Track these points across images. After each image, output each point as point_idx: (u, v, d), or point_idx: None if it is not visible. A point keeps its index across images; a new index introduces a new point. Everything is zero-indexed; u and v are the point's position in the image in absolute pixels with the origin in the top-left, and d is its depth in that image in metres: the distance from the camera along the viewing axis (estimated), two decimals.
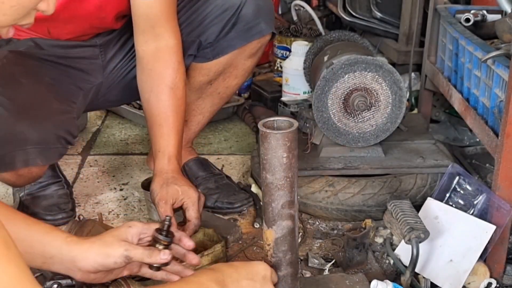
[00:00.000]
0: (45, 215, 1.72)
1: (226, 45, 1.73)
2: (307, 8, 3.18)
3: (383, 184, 1.74)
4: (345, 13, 2.74)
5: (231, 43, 1.74)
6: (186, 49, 1.71)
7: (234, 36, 1.73)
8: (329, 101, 1.80)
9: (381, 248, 1.64)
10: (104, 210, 1.85)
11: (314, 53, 2.22)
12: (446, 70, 1.96)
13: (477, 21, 1.83)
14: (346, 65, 1.76)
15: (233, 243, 1.66)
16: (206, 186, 1.87)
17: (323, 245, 1.68)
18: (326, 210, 1.76)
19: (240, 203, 1.82)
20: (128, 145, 2.35)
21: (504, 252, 1.49)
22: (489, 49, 1.56)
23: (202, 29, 1.72)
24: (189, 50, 1.73)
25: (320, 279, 1.40)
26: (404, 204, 1.53)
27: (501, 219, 1.45)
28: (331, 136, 1.84)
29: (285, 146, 1.12)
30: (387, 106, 1.80)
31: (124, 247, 1.17)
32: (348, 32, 2.25)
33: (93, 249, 1.17)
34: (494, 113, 1.49)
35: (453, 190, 1.62)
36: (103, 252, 1.17)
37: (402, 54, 2.49)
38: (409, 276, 1.42)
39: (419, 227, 1.43)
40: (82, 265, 1.16)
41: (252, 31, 1.74)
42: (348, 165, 1.81)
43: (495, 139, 1.44)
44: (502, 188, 1.44)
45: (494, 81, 1.51)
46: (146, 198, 1.79)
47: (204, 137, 2.39)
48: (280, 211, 1.17)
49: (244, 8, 1.69)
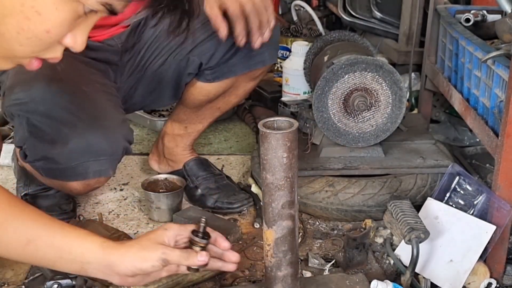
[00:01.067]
0: None
1: (227, 70, 1.71)
2: (307, 8, 3.18)
3: (383, 184, 1.74)
4: (345, 13, 2.75)
5: (232, 68, 1.71)
6: (187, 67, 1.71)
7: (236, 62, 1.70)
8: (329, 101, 1.80)
9: (381, 248, 1.64)
10: (104, 210, 1.85)
11: (314, 53, 2.22)
12: (446, 70, 1.96)
13: (477, 21, 1.82)
14: (346, 65, 1.76)
15: (233, 243, 1.66)
16: (207, 186, 1.87)
17: (323, 245, 1.68)
18: (326, 210, 1.76)
19: (240, 203, 1.83)
20: None
21: (504, 252, 1.49)
22: (489, 49, 1.56)
23: (204, 50, 1.69)
24: (189, 69, 1.72)
25: (320, 279, 1.40)
26: (404, 204, 1.53)
27: (501, 219, 1.45)
28: (331, 136, 1.84)
29: (285, 146, 1.12)
30: (387, 106, 1.80)
31: (161, 250, 1.17)
32: (348, 32, 2.25)
33: (130, 253, 1.17)
34: (494, 113, 1.49)
35: (453, 190, 1.62)
36: (140, 256, 1.16)
37: (402, 54, 2.49)
38: (409, 276, 1.42)
39: (419, 227, 1.43)
40: (120, 270, 1.16)
41: (255, 60, 1.71)
42: (348, 165, 1.81)
43: (495, 139, 1.44)
44: (502, 188, 1.44)
45: (494, 81, 1.51)
46: (146, 198, 1.79)
47: (204, 137, 2.39)
48: (280, 211, 1.17)
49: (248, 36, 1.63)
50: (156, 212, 1.78)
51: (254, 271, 1.55)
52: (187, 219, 1.71)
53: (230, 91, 1.80)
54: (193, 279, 1.46)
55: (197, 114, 1.87)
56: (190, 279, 1.45)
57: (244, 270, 1.55)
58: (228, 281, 1.50)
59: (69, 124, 1.44)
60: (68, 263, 1.16)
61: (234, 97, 1.83)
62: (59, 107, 1.46)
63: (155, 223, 1.77)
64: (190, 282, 1.46)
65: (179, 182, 1.85)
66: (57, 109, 1.46)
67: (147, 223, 1.78)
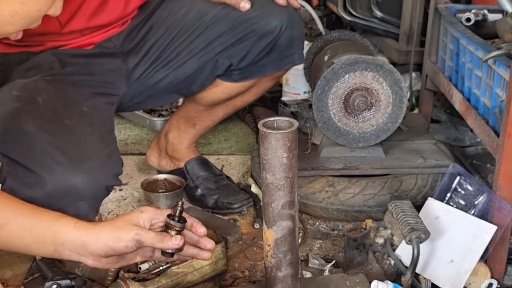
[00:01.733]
0: None
1: (256, 70, 1.70)
2: (308, 8, 3.18)
3: (384, 185, 1.74)
4: (345, 13, 2.74)
5: (261, 69, 1.70)
6: (216, 69, 1.69)
7: (266, 63, 1.69)
8: (330, 101, 1.79)
9: (382, 248, 1.64)
10: (103, 210, 1.84)
11: (315, 52, 2.22)
12: (447, 70, 1.95)
13: (478, 21, 1.82)
14: (347, 64, 1.76)
15: (233, 243, 1.66)
16: (207, 186, 1.87)
17: (323, 246, 1.67)
18: (326, 211, 1.75)
19: (239, 203, 1.82)
20: (127, 145, 2.34)
21: (505, 252, 1.49)
22: (490, 48, 1.56)
23: (235, 52, 1.67)
24: (218, 71, 1.70)
25: (320, 280, 1.40)
26: (405, 205, 1.53)
27: (502, 220, 1.45)
28: (331, 136, 1.84)
29: (285, 146, 1.11)
30: (387, 106, 1.80)
31: (135, 231, 1.17)
32: (348, 32, 2.25)
33: (103, 233, 1.16)
34: (495, 113, 1.49)
35: (454, 190, 1.61)
36: (114, 236, 1.16)
37: (403, 53, 2.49)
38: (409, 277, 1.42)
39: (420, 227, 1.42)
40: (93, 250, 1.16)
41: (285, 61, 1.71)
42: (349, 165, 1.81)
43: (496, 139, 1.44)
44: (503, 188, 1.43)
45: (495, 81, 1.50)
46: (146, 198, 1.79)
47: (204, 137, 2.38)
48: (280, 211, 1.17)
49: (282, 37, 1.64)
50: None
51: (254, 271, 1.55)
52: None
53: (251, 90, 1.79)
54: (193, 279, 1.45)
55: (210, 111, 1.86)
56: (190, 279, 1.45)
57: (244, 270, 1.54)
58: (228, 281, 1.49)
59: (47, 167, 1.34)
60: (42, 246, 1.16)
61: (253, 95, 1.82)
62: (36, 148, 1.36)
63: None
64: (190, 282, 1.45)
65: (179, 182, 1.84)
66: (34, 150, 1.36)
67: None
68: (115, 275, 1.45)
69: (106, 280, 1.45)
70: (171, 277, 1.41)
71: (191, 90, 1.77)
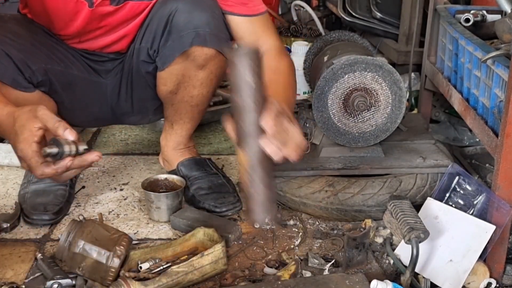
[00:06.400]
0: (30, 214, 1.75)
1: (168, 53, 1.76)
2: (307, 8, 3.19)
3: (383, 184, 1.75)
4: (345, 13, 2.75)
5: (170, 52, 1.75)
6: (139, 55, 1.82)
7: (171, 45, 1.75)
8: (329, 101, 1.80)
9: (381, 248, 1.65)
10: (104, 210, 1.85)
11: (314, 53, 2.23)
12: (446, 70, 1.96)
13: (477, 21, 1.83)
14: (346, 65, 1.76)
15: (233, 242, 1.66)
16: (198, 187, 1.87)
17: (323, 245, 1.68)
18: (326, 210, 1.76)
19: (225, 207, 1.81)
20: (128, 145, 2.35)
21: (503, 252, 1.49)
22: (489, 49, 1.56)
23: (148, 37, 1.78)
24: (141, 56, 1.81)
25: (320, 279, 1.41)
26: (404, 204, 1.53)
27: (501, 219, 1.45)
28: (331, 136, 1.84)
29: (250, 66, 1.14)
30: (387, 106, 1.81)
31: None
32: (348, 32, 2.25)
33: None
34: (494, 113, 1.49)
35: (453, 190, 1.62)
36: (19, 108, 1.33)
37: (402, 54, 2.50)
38: (409, 276, 1.42)
39: (419, 227, 1.43)
40: None
41: (182, 40, 1.72)
42: (348, 165, 1.82)
43: (495, 139, 1.44)
44: (502, 188, 1.44)
45: (494, 81, 1.51)
46: (146, 198, 1.79)
47: (204, 137, 2.39)
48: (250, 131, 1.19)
49: (175, 17, 1.71)
50: (156, 212, 1.78)
51: (254, 271, 1.55)
52: (185, 219, 1.72)
53: (186, 82, 1.80)
54: (193, 278, 1.46)
55: (174, 109, 1.89)
56: (191, 279, 1.45)
57: (244, 269, 1.55)
58: (228, 281, 1.50)
59: None
60: None
61: (192, 88, 1.82)
62: None
63: (155, 223, 1.78)
64: (191, 281, 1.46)
65: (179, 182, 1.85)
66: None
67: (147, 223, 1.78)
68: (115, 275, 1.45)
69: (107, 279, 1.45)
70: (172, 277, 1.42)
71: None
